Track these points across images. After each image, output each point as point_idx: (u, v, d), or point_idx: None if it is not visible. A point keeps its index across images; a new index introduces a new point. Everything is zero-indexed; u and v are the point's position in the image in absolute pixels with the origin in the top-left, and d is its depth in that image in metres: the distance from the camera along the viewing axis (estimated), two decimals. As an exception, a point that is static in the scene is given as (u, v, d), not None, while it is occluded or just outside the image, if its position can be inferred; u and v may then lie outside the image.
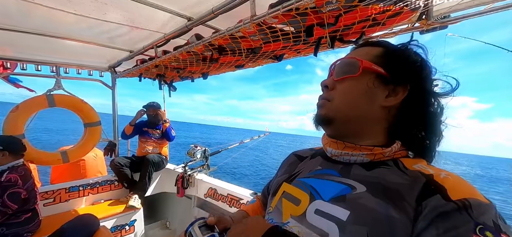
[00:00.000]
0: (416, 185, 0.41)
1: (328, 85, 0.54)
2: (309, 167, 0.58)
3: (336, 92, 0.52)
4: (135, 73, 2.59)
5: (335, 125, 0.52)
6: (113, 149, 2.94)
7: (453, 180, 0.41)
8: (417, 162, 0.47)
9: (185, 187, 2.55)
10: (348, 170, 0.50)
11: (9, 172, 1.70)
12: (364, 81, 0.50)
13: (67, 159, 2.54)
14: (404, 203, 0.40)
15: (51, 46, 2.00)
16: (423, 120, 0.50)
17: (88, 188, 2.51)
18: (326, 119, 0.52)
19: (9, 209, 1.61)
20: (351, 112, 0.50)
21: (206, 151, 2.78)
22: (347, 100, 0.51)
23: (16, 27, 1.62)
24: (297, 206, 0.51)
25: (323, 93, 0.55)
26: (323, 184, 0.50)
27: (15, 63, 2.37)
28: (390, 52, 0.52)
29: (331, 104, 0.52)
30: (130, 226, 2.43)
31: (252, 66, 1.99)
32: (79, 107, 2.61)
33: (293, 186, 0.56)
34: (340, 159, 0.52)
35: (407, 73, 0.50)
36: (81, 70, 2.67)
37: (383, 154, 0.48)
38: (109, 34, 1.77)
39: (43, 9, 1.34)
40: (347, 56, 0.54)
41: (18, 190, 1.67)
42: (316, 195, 0.49)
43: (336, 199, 0.46)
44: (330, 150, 0.54)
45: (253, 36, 1.25)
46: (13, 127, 2.19)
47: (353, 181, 0.47)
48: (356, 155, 0.50)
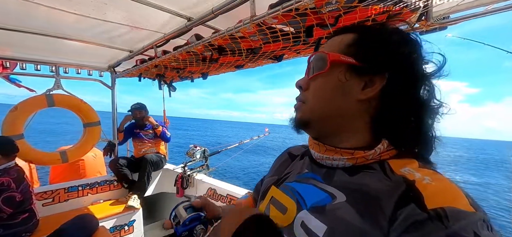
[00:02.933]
0: (396, 192, 0.37)
1: (302, 86, 0.50)
2: (297, 169, 0.55)
3: (310, 92, 0.49)
4: (134, 73, 2.59)
5: (312, 127, 0.49)
6: (113, 149, 2.93)
7: (436, 186, 0.36)
8: (407, 163, 0.41)
9: (185, 187, 2.55)
10: (332, 176, 0.46)
11: (1, 175, 1.67)
12: (334, 76, 0.45)
13: (67, 159, 2.54)
14: (378, 214, 0.36)
15: (51, 46, 2.00)
16: (409, 110, 0.43)
17: (87, 188, 2.51)
18: (302, 122, 0.49)
19: (3, 213, 1.59)
20: (325, 112, 0.47)
21: (206, 151, 2.78)
22: (320, 99, 0.47)
23: (15, 27, 1.62)
24: (283, 215, 0.48)
25: (299, 95, 0.51)
26: (308, 191, 0.47)
27: (14, 63, 2.37)
28: (364, 38, 0.46)
29: (306, 106, 0.49)
30: (129, 226, 2.43)
31: (252, 66, 1.99)
32: (78, 107, 2.60)
33: (281, 191, 0.53)
34: (323, 162, 0.49)
35: (383, 60, 0.43)
36: (80, 70, 2.67)
37: (365, 157, 0.43)
38: (109, 34, 1.77)
39: (43, 9, 1.34)
40: (318, 50, 0.51)
41: (13, 193, 1.64)
42: (302, 204, 0.46)
43: (315, 210, 0.43)
44: (313, 152, 0.51)
45: (253, 36, 1.25)
46: (12, 127, 2.18)
47: (334, 189, 0.43)
48: (338, 159, 0.46)
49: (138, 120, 2.91)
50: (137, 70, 2.36)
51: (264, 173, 0.71)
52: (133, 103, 2.93)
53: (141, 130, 2.90)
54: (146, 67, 2.17)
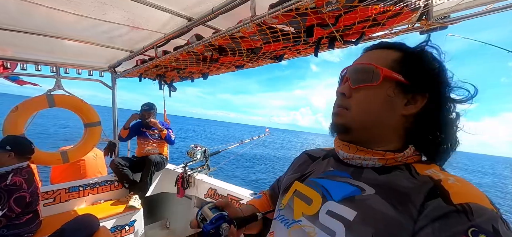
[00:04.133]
0: (424, 188, 0.42)
1: (346, 93, 0.52)
2: (321, 168, 0.59)
3: (354, 100, 0.51)
4: (135, 74, 2.59)
5: (353, 134, 0.51)
6: (113, 149, 2.94)
7: (461, 185, 0.41)
8: (430, 167, 0.47)
9: (185, 187, 2.55)
10: (360, 173, 0.50)
11: (14, 174, 1.68)
12: (384, 90, 0.49)
13: (67, 159, 2.54)
14: (409, 205, 0.41)
15: (51, 46, 2.00)
16: (440, 127, 0.49)
17: (88, 188, 2.51)
18: (344, 128, 0.52)
19: (13, 213, 1.60)
20: (370, 122, 0.50)
21: (206, 151, 2.78)
22: (366, 109, 0.50)
23: (16, 27, 1.62)
24: (309, 206, 0.51)
25: (339, 101, 0.54)
26: (335, 185, 0.51)
27: (15, 63, 2.37)
28: (409, 57, 0.50)
29: (349, 113, 0.51)
30: (130, 226, 2.43)
31: (252, 66, 1.99)
32: (79, 108, 2.61)
33: (305, 185, 0.56)
34: (352, 162, 0.52)
35: (427, 81, 0.48)
36: (81, 70, 2.67)
37: (395, 159, 0.48)
38: (109, 34, 1.77)
39: (43, 9, 1.34)
40: (364, 62, 0.52)
41: (23, 194, 1.65)
42: (328, 196, 0.50)
43: (345, 200, 0.47)
44: (342, 153, 0.54)
45: (253, 36, 1.25)
46: (13, 127, 2.19)
47: (363, 184, 0.47)
48: (368, 159, 0.50)
49: (144, 119, 2.90)
50: (138, 70, 2.36)
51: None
52: (144, 103, 2.93)
53: (148, 129, 2.90)
54: (147, 68, 2.17)
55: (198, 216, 0.59)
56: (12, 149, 1.74)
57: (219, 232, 0.54)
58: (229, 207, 0.63)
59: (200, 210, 0.59)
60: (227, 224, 0.56)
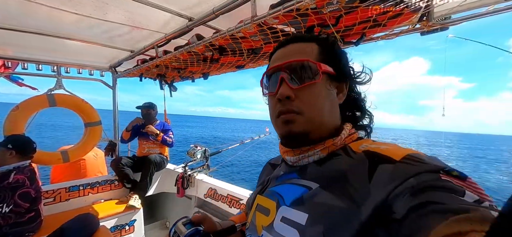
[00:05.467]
0: (361, 164, 0.42)
1: (291, 96, 0.48)
2: (277, 175, 0.57)
3: (301, 102, 0.48)
4: (135, 73, 2.59)
5: (310, 138, 0.49)
6: (114, 149, 2.94)
7: (393, 147, 0.42)
8: (363, 142, 0.48)
9: (185, 187, 2.55)
10: (305, 170, 0.49)
11: (16, 173, 1.70)
12: (324, 85, 0.50)
13: (68, 158, 2.54)
14: (347, 187, 0.40)
15: (52, 45, 2.01)
16: (359, 107, 0.57)
17: (88, 188, 2.52)
18: (303, 135, 0.48)
19: (21, 208, 1.62)
20: (322, 120, 0.49)
21: (206, 151, 2.78)
22: (319, 108, 0.48)
23: (17, 27, 1.63)
24: (267, 217, 0.50)
25: (285, 106, 0.48)
26: (286, 189, 0.50)
27: (16, 63, 2.37)
28: (326, 48, 0.53)
29: (303, 117, 0.47)
30: (130, 226, 2.43)
31: (253, 66, 1.99)
32: (80, 107, 2.61)
33: (264, 196, 0.55)
34: (299, 163, 0.51)
35: (347, 70, 0.55)
36: (82, 70, 2.67)
37: (335, 144, 0.48)
38: (110, 34, 1.77)
39: (44, 9, 1.35)
40: (297, 59, 0.49)
41: (28, 190, 1.68)
42: (281, 201, 0.48)
43: (295, 202, 0.45)
44: (288, 158, 0.53)
45: (254, 36, 1.25)
46: (13, 126, 2.19)
47: (308, 181, 0.47)
48: (311, 154, 0.49)
49: (144, 117, 2.90)
50: (138, 70, 2.36)
51: None
52: (144, 102, 2.93)
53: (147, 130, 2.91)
54: (147, 67, 2.17)
55: (171, 233, 0.56)
56: (14, 147, 1.76)
57: None
58: (205, 221, 0.60)
59: (174, 226, 0.56)
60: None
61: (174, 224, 0.57)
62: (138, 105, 2.96)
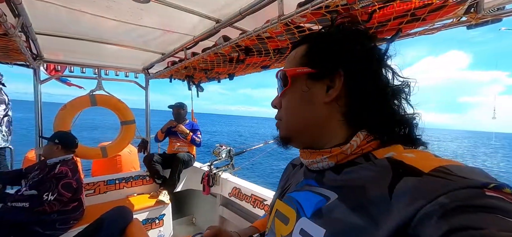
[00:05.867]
0: (383, 175, 0.36)
1: (277, 105, 0.54)
2: (297, 179, 0.56)
3: (283, 109, 0.52)
4: (166, 75, 2.73)
5: (294, 141, 0.52)
6: (146, 146, 3.13)
7: (423, 155, 0.37)
8: (391, 149, 0.41)
9: (211, 185, 2.62)
10: (322, 177, 0.47)
11: (61, 164, 1.90)
12: (298, 89, 0.49)
13: (106, 154, 2.77)
14: (367, 203, 0.36)
15: (94, 50, 2.20)
16: (374, 96, 0.45)
17: (123, 182, 2.71)
18: (284, 139, 0.52)
19: (64, 197, 1.80)
20: (299, 124, 0.49)
21: (231, 151, 2.82)
22: (291, 114, 0.51)
23: (66, 34, 1.81)
24: (286, 226, 0.48)
25: (277, 114, 0.54)
26: (305, 198, 0.48)
27: (64, 66, 2.65)
28: (313, 45, 0.50)
29: (283, 123, 0.52)
30: (160, 220, 2.56)
31: (278, 66, 1.97)
32: (116, 106, 2.82)
33: (283, 202, 0.53)
34: (313, 167, 0.50)
35: (334, 59, 0.46)
36: (119, 72, 2.89)
37: (344, 152, 0.44)
38: (144, 38, 1.89)
39: (88, 17, 1.48)
40: (279, 70, 0.53)
41: (70, 181, 1.86)
42: (301, 211, 0.46)
43: (315, 215, 0.43)
44: (304, 160, 0.53)
45: (280, 36, 1.23)
46: (62, 123, 2.45)
47: (327, 190, 0.44)
48: (321, 161, 0.47)
49: (175, 116, 3.06)
50: (169, 71, 2.48)
51: None
52: (175, 102, 3.11)
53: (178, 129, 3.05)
54: (177, 69, 2.27)
55: None
56: (60, 142, 1.96)
57: None
58: (220, 235, 0.61)
59: None
60: None
61: None
62: (170, 105, 3.12)
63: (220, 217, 2.59)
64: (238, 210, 2.40)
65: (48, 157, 1.93)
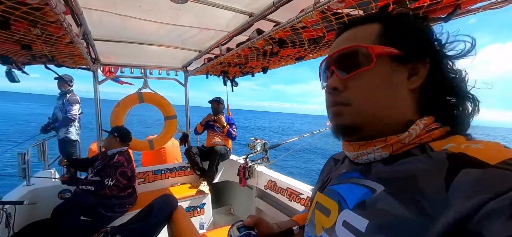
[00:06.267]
0: (440, 167, 0.33)
1: (338, 87, 0.45)
2: (338, 172, 0.53)
3: (352, 92, 0.44)
4: (203, 71, 2.86)
5: (363, 131, 0.44)
6: (186, 139, 3.35)
7: (492, 145, 0.33)
8: (451, 140, 0.38)
9: (247, 178, 2.69)
10: (369, 170, 0.44)
11: (119, 155, 2.16)
12: (382, 70, 0.42)
13: (153, 146, 3.05)
14: (419, 196, 0.33)
15: (140, 52, 2.41)
16: (450, 90, 0.43)
17: (168, 172, 2.95)
18: (351, 129, 0.45)
19: (120, 183, 2.06)
20: (378, 110, 0.43)
21: (266, 144, 2.85)
22: (370, 98, 0.43)
23: (118, 39, 2.01)
24: (327, 217, 0.47)
25: (334, 97, 0.46)
26: (348, 190, 0.46)
27: (117, 68, 2.97)
28: (393, 25, 0.44)
29: (351, 109, 0.44)
30: (201, 208, 2.74)
31: (313, 57, 1.90)
32: (160, 103, 3.07)
33: (324, 195, 0.52)
34: (360, 160, 0.46)
35: (421, 45, 0.42)
36: (161, 71, 3.13)
37: (400, 141, 0.40)
38: (182, 37, 2.00)
39: (135, 21, 1.62)
40: (347, 46, 0.45)
41: (125, 169, 2.13)
42: (343, 204, 0.44)
43: (357, 206, 0.41)
44: (349, 153, 0.49)
45: (316, 25, 1.18)
46: (116, 119, 2.77)
47: (372, 182, 0.41)
48: (371, 152, 0.43)
49: (214, 109, 3.21)
50: (205, 68, 2.59)
51: None
52: (213, 97, 3.27)
53: (216, 123, 3.20)
54: (213, 65, 2.36)
55: (229, 235, 0.60)
56: (118, 135, 2.23)
57: None
58: (260, 225, 0.61)
59: (231, 229, 0.60)
60: None
61: (231, 227, 0.61)
62: (210, 100, 3.27)
63: (256, 209, 2.66)
64: (274, 202, 2.43)
65: (108, 148, 2.22)
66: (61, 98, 3.42)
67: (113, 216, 2.06)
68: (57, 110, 3.41)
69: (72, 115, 3.38)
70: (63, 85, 3.40)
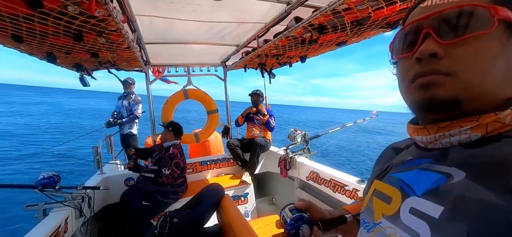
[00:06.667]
0: None
1: (438, 53, 0.36)
2: (401, 159, 0.48)
3: (457, 60, 0.36)
4: (241, 65, 2.93)
5: (463, 108, 0.37)
6: (228, 132, 3.50)
7: None
8: None
9: (288, 169, 2.69)
10: (445, 155, 0.38)
11: (173, 147, 2.39)
12: (498, 38, 0.34)
13: (198, 139, 3.27)
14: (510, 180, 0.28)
15: (183, 51, 2.58)
16: None
17: (212, 163, 3.14)
18: (451, 103, 0.37)
19: (175, 173, 2.29)
20: (487, 88, 0.35)
21: (306, 135, 2.80)
22: (482, 69, 0.35)
23: (163, 40, 2.19)
24: (388, 205, 0.43)
25: (429, 66, 0.38)
26: (415, 177, 0.41)
27: (164, 68, 3.25)
28: None
29: (456, 81, 0.36)
30: (245, 198, 2.86)
31: (356, 41, 1.78)
32: (203, 98, 3.26)
33: (383, 182, 0.48)
34: (435, 145, 0.40)
35: None
36: (202, 68, 3.31)
37: (499, 120, 0.34)
38: (221, 34, 2.07)
39: (178, 22, 1.74)
40: (455, 5, 0.36)
41: (179, 161, 2.35)
42: (408, 190, 0.40)
43: (428, 193, 0.37)
44: (420, 138, 0.42)
45: (360, 5, 1.10)
46: (166, 115, 3.04)
47: (449, 168, 0.36)
48: (456, 134, 0.37)
49: (253, 103, 3.28)
50: (243, 62, 2.65)
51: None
52: (253, 90, 3.35)
53: (255, 115, 3.28)
54: (250, 58, 2.39)
55: (280, 216, 0.61)
56: (172, 129, 2.46)
57: (298, 233, 0.55)
58: (312, 209, 0.60)
59: (283, 210, 0.61)
60: (307, 226, 0.55)
61: (282, 209, 0.61)
62: (250, 93, 3.35)
63: (298, 199, 2.65)
64: (317, 193, 2.39)
65: (164, 140, 2.46)
66: (126, 98, 3.92)
67: (168, 202, 2.30)
68: (122, 109, 3.91)
69: (138, 113, 3.90)
70: (129, 86, 3.91)
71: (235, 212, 1.49)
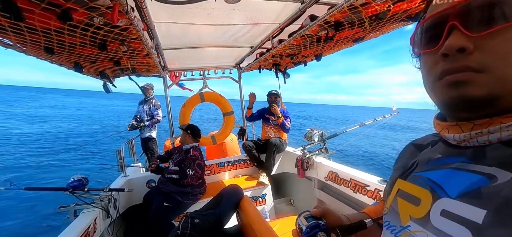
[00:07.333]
0: None
1: (467, 47, 0.34)
2: (428, 158, 0.45)
3: (487, 54, 0.33)
4: (255, 66, 2.93)
5: (500, 105, 0.34)
6: (243, 133, 3.51)
7: None
8: None
9: (305, 169, 2.66)
10: (482, 154, 0.36)
11: (193, 149, 2.45)
12: None
13: (215, 141, 3.32)
14: None
15: (199, 55, 2.63)
16: None
17: (229, 165, 3.17)
18: (486, 101, 0.34)
19: (198, 173, 2.35)
20: None
21: (323, 134, 2.74)
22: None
23: (179, 46, 2.25)
24: (417, 207, 0.41)
25: (456, 61, 0.35)
26: (448, 177, 0.38)
27: (180, 73, 3.33)
28: None
29: (490, 77, 0.33)
30: (262, 199, 2.86)
31: (374, 36, 1.73)
32: (218, 100, 3.30)
33: (408, 182, 0.45)
34: (470, 143, 0.37)
35: None
36: (217, 71, 3.35)
37: None
38: (235, 36, 2.09)
39: (193, 27, 1.78)
40: None
41: (200, 162, 2.41)
42: (440, 191, 0.38)
43: (466, 195, 0.34)
44: (452, 136, 0.39)
45: (379, -2, 1.06)
46: (184, 117, 3.12)
47: (491, 168, 0.33)
48: (496, 131, 0.34)
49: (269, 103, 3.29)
50: (257, 63, 2.65)
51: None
52: (270, 90, 3.33)
53: (271, 116, 3.28)
54: (265, 59, 2.39)
55: (296, 224, 0.59)
56: (191, 132, 2.52)
57: None
58: (328, 215, 0.58)
59: (298, 218, 0.60)
60: (323, 233, 0.53)
61: (298, 216, 0.60)
62: (267, 93, 3.34)
63: (317, 200, 2.60)
64: (336, 194, 2.33)
65: (183, 143, 2.53)
66: (147, 103, 4.08)
67: (188, 203, 2.35)
68: (143, 114, 4.07)
69: (159, 118, 4.07)
70: (148, 91, 4.07)
71: (255, 212, 1.50)
